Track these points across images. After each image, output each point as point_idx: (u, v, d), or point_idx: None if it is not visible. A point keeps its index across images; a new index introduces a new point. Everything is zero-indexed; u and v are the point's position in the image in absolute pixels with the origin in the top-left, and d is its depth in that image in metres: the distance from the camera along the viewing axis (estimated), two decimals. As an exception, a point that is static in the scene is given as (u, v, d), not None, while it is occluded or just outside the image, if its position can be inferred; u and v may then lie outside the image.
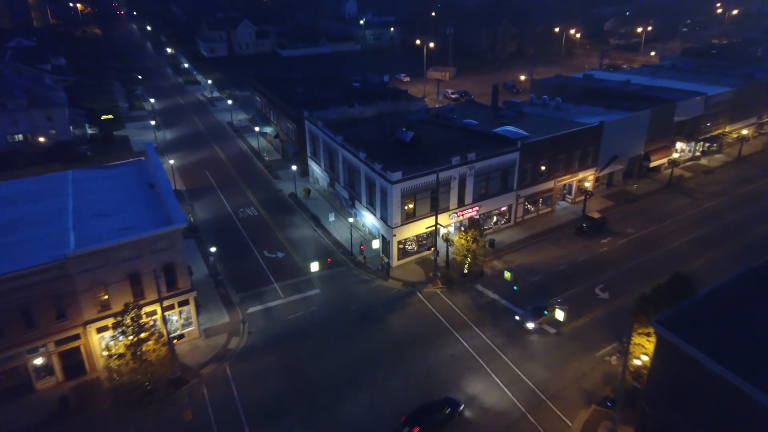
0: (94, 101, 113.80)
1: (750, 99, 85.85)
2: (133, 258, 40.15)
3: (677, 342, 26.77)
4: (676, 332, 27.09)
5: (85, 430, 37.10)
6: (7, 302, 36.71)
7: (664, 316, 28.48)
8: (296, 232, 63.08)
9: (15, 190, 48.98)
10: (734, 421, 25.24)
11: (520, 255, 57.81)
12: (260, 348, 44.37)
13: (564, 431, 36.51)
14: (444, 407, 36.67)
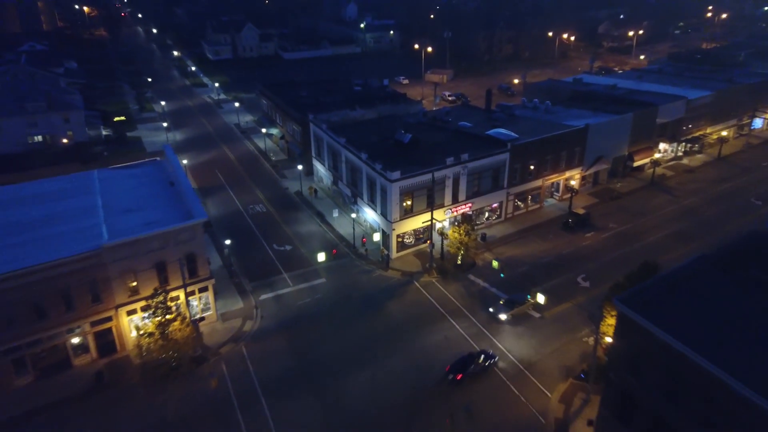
0: (105, 103, 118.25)
1: (730, 102, 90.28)
2: (159, 249, 44.66)
3: (633, 316, 31.26)
4: (633, 308, 31.58)
5: (118, 402, 41.56)
6: (50, 287, 41.19)
7: (623, 294, 33.00)
8: (302, 227, 67.61)
9: (47, 188, 53.45)
10: (681, 383, 29.68)
11: (509, 248, 62.30)
12: (272, 330, 48.90)
13: (544, 401, 41.02)
14: (482, 358, 43.00)
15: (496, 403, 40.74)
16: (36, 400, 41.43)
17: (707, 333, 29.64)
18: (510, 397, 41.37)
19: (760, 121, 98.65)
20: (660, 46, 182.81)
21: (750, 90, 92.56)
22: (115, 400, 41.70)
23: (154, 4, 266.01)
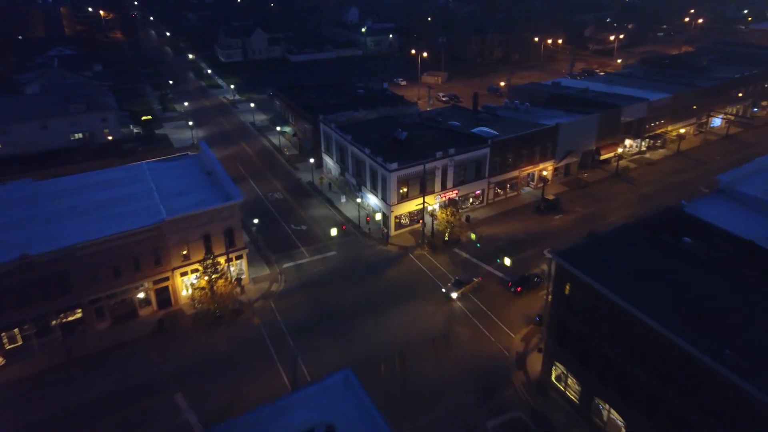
0: (132, 104, 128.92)
1: (689, 103, 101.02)
2: (206, 223, 55.71)
3: (565, 265, 42.20)
4: (565, 260, 42.49)
5: (176, 342, 52.64)
6: (124, 252, 52.25)
7: (560, 251, 43.96)
8: (315, 210, 78.62)
9: (109, 177, 64.38)
10: (598, 313, 40.57)
11: (489, 227, 73.28)
12: (294, 290, 59.99)
13: (509, 341, 52.11)
14: (535, 278, 58.14)
15: (473, 342, 51.85)
16: (113, 339, 52.53)
17: (619, 277, 40.50)
18: (483, 338, 52.47)
19: (718, 120, 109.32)
20: (642, 49, 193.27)
21: (707, 92, 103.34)
22: (174, 341, 52.81)
23: (165, 7, 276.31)
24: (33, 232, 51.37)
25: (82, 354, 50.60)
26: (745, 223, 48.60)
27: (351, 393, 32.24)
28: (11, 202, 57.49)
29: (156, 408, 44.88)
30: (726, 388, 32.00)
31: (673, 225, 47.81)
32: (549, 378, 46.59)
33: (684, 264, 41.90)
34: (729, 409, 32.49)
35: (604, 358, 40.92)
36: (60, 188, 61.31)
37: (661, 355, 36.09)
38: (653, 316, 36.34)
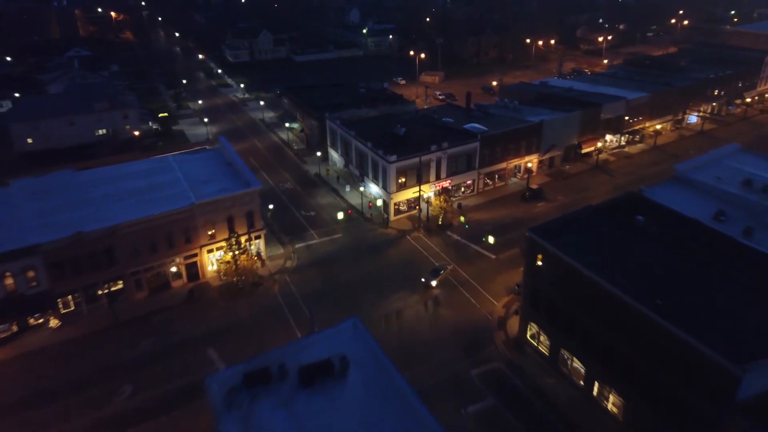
0: (148, 102, 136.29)
1: (665, 101, 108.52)
2: (230, 207, 63.36)
3: (537, 239, 49.82)
4: (537, 235, 50.12)
5: (205, 309, 60.32)
6: (159, 231, 59.93)
7: (533, 227, 51.58)
8: (322, 199, 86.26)
9: (141, 167, 71.93)
10: (563, 278, 48.18)
11: (479, 213, 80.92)
12: (306, 266, 67.69)
13: (492, 307, 59.80)
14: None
15: (461, 308, 59.60)
16: (150, 307, 60.25)
17: (580, 249, 48.14)
18: (470, 305, 60.21)
19: (694, 117, 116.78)
20: (631, 49, 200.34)
21: (683, 92, 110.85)
22: (203, 308, 60.54)
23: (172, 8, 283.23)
24: (83, 214, 59.05)
25: (125, 318, 58.36)
26: (694, 206, 56.27)
27: (359, 335, 39.86)
28: (59, 189, 65.13)
29: (192, 361, 52.64)
30: (657, 331, 39.70)
31: (632, 206, 55.46)
32: (525, 336, 54.33)
33: (636, 238, 49.64)
34: (661, 349, 40.18)
35: (568, 316, 48.64)
36: (98, 177, 68.96)
37: (614, 311, 43.70)
38: (607, 279, 43.99)
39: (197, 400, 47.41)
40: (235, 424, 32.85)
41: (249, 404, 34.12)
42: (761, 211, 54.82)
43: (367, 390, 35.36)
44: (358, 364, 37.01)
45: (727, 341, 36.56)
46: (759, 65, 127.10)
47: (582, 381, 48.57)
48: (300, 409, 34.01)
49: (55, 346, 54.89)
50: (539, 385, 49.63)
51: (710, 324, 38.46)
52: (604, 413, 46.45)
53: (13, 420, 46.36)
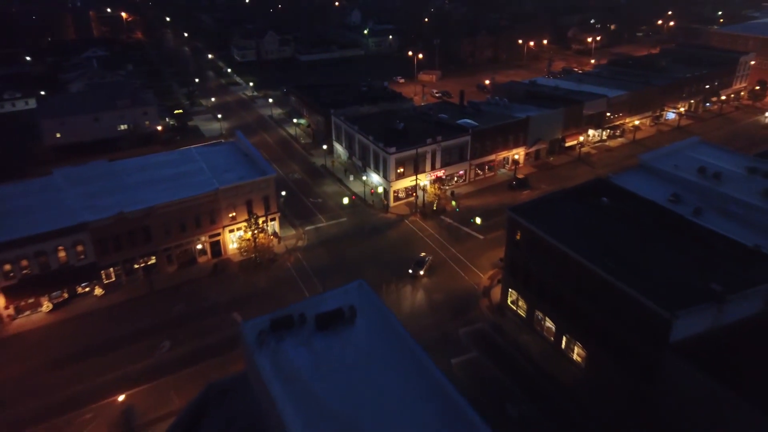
0: (163, 100, 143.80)
1: (644, 99, 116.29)
2: (249, 192, 71.31)
3: (515, 217, 57.76)
4: (515, 213, 58.05)
5: (228, 281, 68.30)
6: (188, 213, 67.91)
7: (512, 207, 59.51)
8: (328, 187, 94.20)
9: (168, 158, 79.82)
10: (537, 250, 56.09)
11: (470, 200, 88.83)
12: (315, 245, 75.71)
13: (478, 279, 67.81)
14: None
15: (451, 280, 67.64)
16: (180, 278, 68.27)
17: (551, 225, 56.08)
18: (459, 277, 68.26)
19: (672, 113, 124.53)
20: (619, 49, 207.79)
21: (661, 90, 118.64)
22: (226, 280, 68.59)
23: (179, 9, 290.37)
24: (122, 197, 67.04)
25: (159, 288, 66.42)
26: (653, 190, 64.18)
27: (364, 292, 47.81)
28: (97, 177, 73.08)
29: (219, 322, 60.70)
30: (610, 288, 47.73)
31: (599, 190, 63.42)
32: (506, 301, 62.36)
33: (599, 216, 57.67)
34: (613, 304, 48.19)
35: (541, 282, 56.67)
36: (131, 166, 76.93)
37: (578, 275, 51.70)
38: (572, 248, 51.98)
39: (225, 353, 55.68)
40: (266, 358, 40.82)
41: (276, 343, 42.08)
42: (710, 195, 62.81)
43: (370, 332, 43.38)
44: (363, 313, 45.02)
45: (662, 294, 44.61)
46: (734, 65, 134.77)
47: (552, 337, 56.66)
48: (317, 346, 42.01)
49: (101, 310, 62.99)
50: (517, 341, 57.73)
51: (650, 281, 46.49)
52: (570, 362, 54.56)
53: (72, 368, 54.42)
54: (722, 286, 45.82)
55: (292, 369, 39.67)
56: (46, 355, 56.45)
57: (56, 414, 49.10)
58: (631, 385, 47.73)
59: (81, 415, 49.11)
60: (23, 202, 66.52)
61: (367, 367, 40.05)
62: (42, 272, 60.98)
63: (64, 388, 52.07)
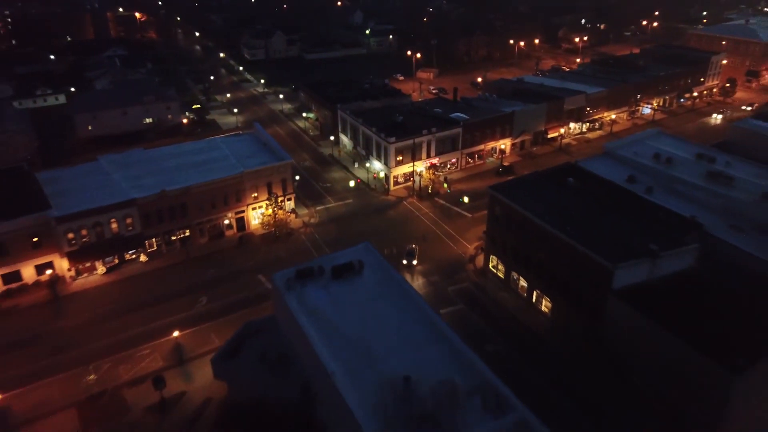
0: (181, 96, 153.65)
1: (621, 95, 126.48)
2: (269, 175, 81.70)
3: (495, 194, 68.11)
4: (496, 191, 68.39)
5: (251, 250, 78.71)
6: (218, 192, 78.31)
7: (493, 186, 69.89)
8: (335, 174, 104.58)
9: (197, 147, 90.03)
10: (514, 223, 66.40)
11: (461, 185, 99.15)
12: (325, 221, 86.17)
13: (466, 249, 78.28)
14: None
15: (443, 250, 78.11)
16: (210, 249, 78.69)
17: (525, 200, 66.40)
18: (449, 247, 78.75)
19: (648, 108, 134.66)
20: (607, 48, 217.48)
21: (636, 87, 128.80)
22: (250, 250, 79.04)
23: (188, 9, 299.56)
24: (161, 179, 77.37)
25: (194, 256, 76.91)
26: (613, 172, 74.49)
27: (370, 252, 58.23)
28: (137, 162, 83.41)
29: (246, 282, 71.16)
30: (569, 249, 58.20)
31: (567, 172, 73.81)
32: (487, 266, 72.85)
33: (565, 193, 68.09)
34: (571, 262, 58.65)
35: (516, 248, 67.11)
36: (165, 154, 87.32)
37: (545, 241, 62.16)
38: (540, 218, 62.39)
39: (253, 306, 66.25)
40: (293, 298, 51.33)
41: (301, 288, 52.61)
42: (661, 176, 73.20)
43: (375, 280, 53.92)
44: (369, 266, 55.58)
45: (608, 251, 55.11)
46: (706, 64, 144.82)
47: (525, 293, 67.21)
48: (333, 290, 52.56)
49: (146, 274, 73.52)
50: (496, 298, 68.31)
51: (600, 243, 56.96)
52: (540, 313, 65.11)
53: (127, 318, 64.93)
54: (658, 246, 56.34)
55: (314, 306, 50.33)
56: (104, 308, 66.94)
57: (119, 350, 59.64)
58: (584, 325, 58.32)
59: (139, 351, 59.67)
60: (78, 182, 76.93)
61: (373, 306, 50.71)
62: (98, 240, 71.44)
63: (122, 331, 62.55)
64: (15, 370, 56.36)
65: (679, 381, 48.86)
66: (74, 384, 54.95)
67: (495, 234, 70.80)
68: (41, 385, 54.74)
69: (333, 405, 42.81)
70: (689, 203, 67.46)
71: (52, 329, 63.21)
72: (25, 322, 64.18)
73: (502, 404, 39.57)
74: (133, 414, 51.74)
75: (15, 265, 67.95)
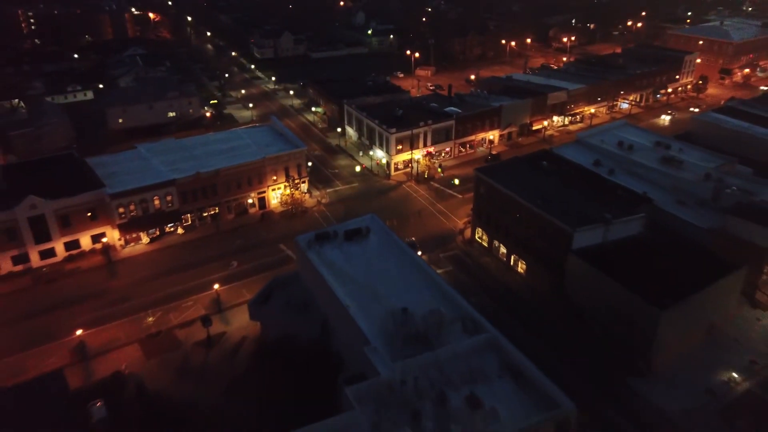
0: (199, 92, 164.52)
1: (600, 91, 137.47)
2: (286, 161, 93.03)
3: (481, 175, 79.37)
4: (482, 173, 79.63)
5: (271, 225, 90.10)
6: (243, 175, 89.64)
7: (479, 168, 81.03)
8: (342, 161, 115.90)
9: (222, 137, 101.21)
10: (496, 200, 77.65)
11: (454, 171, 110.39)
12: (335, 202, 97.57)
13: (456, 224, 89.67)
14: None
15: (436, 224, 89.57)
16: (236, 224, 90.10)
17: (506, 180, 77.62)
18: (442, 222, 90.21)
19: (626, 104, 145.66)
20: (594, 47, 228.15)
21: (614, 84, 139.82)
22: (270, 225, 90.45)
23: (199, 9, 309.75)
24: (195, 164, 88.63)
25: (223, 230, 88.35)
26: (582, 157, 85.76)
27: (375, 221, 69.56)
28: (171, 149, 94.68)
29: (269, 250, 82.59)
30: (539, 219, 69.60)
31: (542, 157, 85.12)
32: (474, 237, 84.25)
33: (539, 174, 79.41)
34: (541, 229, 70.05)
35: (497, 220, 78.51)
36: (194, 143, 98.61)
37: (520, 213, 73.55)
38: (518, 195, 73.69)
39: (276, 268, 77.56)
40: (314, 254, 62.69)
41: (319, 247, 63.98)
42: (622, 160, 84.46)
43: (380, 242, 65.36)
44: (374, 232, 66.97)
45: (569, 219, 66.51)
46: (681, 63, 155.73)
47: (504, 258, 78.65)
48: (345, 249, 63.95)
49: (183, 243, 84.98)
50: (480, 262, 79.81)
51: (564, 212, 68.31)
52: (516, 273, 76.60)
53: (170, 278, 76.39)
54: (611, 215, 67.77)
55: (330, 260, 61.82)
56: (150, 271, 78.42)
57: (167, 302, 71.20)
58: (551, 280, 69.82)
59: (184, 303, 71.24)
60: (122, 166, 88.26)
61: (378, 260, 62.23)
62: (143, 214, 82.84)
63: (168, 288, 74.05)
64: (86, 315, 67.95)
65: (622, 319, 60.27)
66: (135, 326, 66.61)
67: (480, 209, 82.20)
68: (109, 327, 66.37)
69: (347, 333, 54.36)
70: (644, 182, 78.80)
71: (110, 287, 74.80)
72: (87, 281, 75.77)
73: (478, 328, 51.11)
74: (184, 348, 63.35)
75: (75, 235, 79.45)
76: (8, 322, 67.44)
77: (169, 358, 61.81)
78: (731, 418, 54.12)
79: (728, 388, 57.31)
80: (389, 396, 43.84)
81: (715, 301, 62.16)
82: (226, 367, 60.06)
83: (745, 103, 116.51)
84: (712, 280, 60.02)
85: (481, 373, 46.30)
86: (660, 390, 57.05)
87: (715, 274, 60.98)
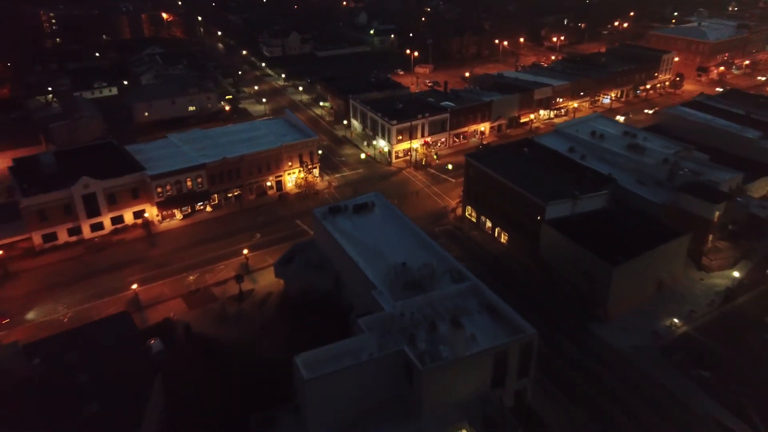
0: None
1: (583, 87, 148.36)
2: (300, 148, 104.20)
3: (471, 160, 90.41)
4: (472, 158, 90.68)
5: (288, 204, 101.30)
6: (262, 160, 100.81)
7: (470, 154, 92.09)
8: (348, 151, 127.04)
9: (243, 128, 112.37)
10: (485, 183, 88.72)
11: (448, 159, 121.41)
12: (343, 186, 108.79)
13: (449, 203, 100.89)
14: None
15: (432, 204, 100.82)
16: (257, 203, 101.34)
17: (492, 164, 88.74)
18: (436, 202, 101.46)
19: (607, 99, 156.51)
20: (584, 46, 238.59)
21: (596, 81, 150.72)
22: (287, 205, 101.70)
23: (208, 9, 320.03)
24: (221, 151, 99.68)
25: (246, 208, 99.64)
26: (559, 144, 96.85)
27: (379, 198, 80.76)
28: (198, 139, 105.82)
29: (288, 225, 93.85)
30: (519, 196, 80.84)
31: (524, 145, 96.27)
32: (464, 214, 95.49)
33: (521, 159, 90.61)
34: (520, 204, 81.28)
35: (485, 199, 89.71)
36: (219, 132, 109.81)
37: (504, 192, 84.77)
38: (503, 176, 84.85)
39: (294, 240, 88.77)
40: (329, 223, 73.91)
41: (332, 218, 75.19)
42: (593, 147, 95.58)
43: (384, 215, 76.60)
44: (379, 206, 78.21)
45: (543, 194, 77.74)
46: (659, 61, 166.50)
47: (490, 230, 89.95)
48: (354, 219, 75.16)
49: (212, 219, 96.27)
50: (469, 235, 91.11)
51: (540, 190, 79.47)
52: (499, 243, 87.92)
53: (203, 247, 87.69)
54: (579, 192, 79.00)
55: (342, 228, 73.06)
56: (185, 241, 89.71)
57: (203, 266, 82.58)
58: (528, 247, 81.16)
59: (217, 266, 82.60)
60: (157, 153, 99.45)
61: (381, 228, 73.47)
62: (178, 194, 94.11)
63: (202, 255, 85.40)
64: (136, 276, 79.34)
65: (585, 276, 71.57)
66: (178, 284, 78.04)
67: (470, 190, 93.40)
68: (155, 286, 77.79)
69: (357, 283, 65.66)
70: (611, 166, 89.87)
71: (153, 254, 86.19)
72: (132, 250, 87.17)
73: (463, 278, 62.43)
74: (220, 301, 74.77)
75: (120, 211, 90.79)
76: (69, 281, 78.87)
77: (208, 309, 73.24)
78: (670, 354, 65.49)
79: (670, 331, 68.67)
80: (391, 325, 55.20)
81: (663, 262, 73.45)
82: (257, 316, 71.52)
83: (711, 98, 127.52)
84: (658, 243, 71.32)
85: (464, 309, 57.63)
86: (614, 332, 68.43)
87: (662, 239, 72.28)
